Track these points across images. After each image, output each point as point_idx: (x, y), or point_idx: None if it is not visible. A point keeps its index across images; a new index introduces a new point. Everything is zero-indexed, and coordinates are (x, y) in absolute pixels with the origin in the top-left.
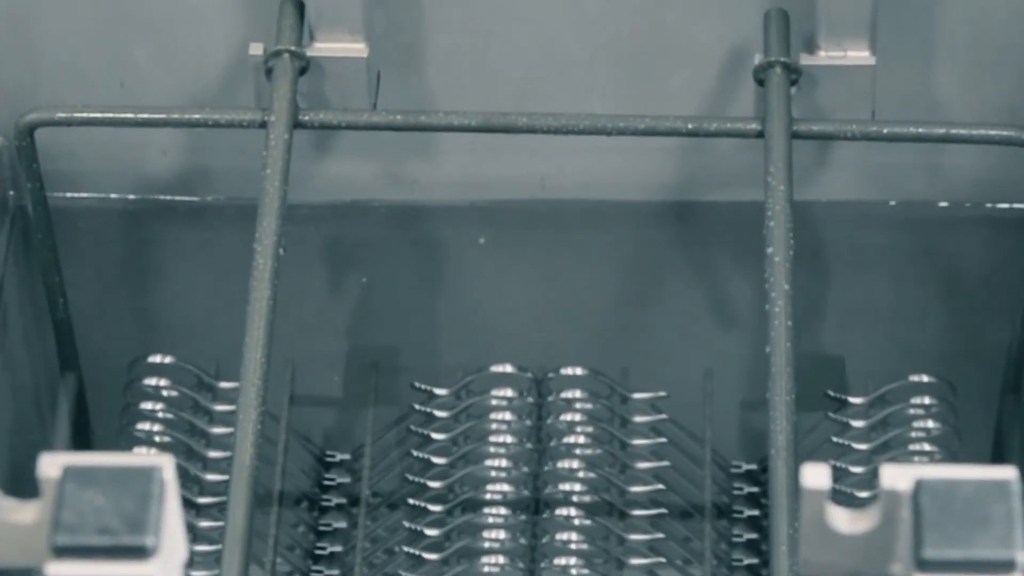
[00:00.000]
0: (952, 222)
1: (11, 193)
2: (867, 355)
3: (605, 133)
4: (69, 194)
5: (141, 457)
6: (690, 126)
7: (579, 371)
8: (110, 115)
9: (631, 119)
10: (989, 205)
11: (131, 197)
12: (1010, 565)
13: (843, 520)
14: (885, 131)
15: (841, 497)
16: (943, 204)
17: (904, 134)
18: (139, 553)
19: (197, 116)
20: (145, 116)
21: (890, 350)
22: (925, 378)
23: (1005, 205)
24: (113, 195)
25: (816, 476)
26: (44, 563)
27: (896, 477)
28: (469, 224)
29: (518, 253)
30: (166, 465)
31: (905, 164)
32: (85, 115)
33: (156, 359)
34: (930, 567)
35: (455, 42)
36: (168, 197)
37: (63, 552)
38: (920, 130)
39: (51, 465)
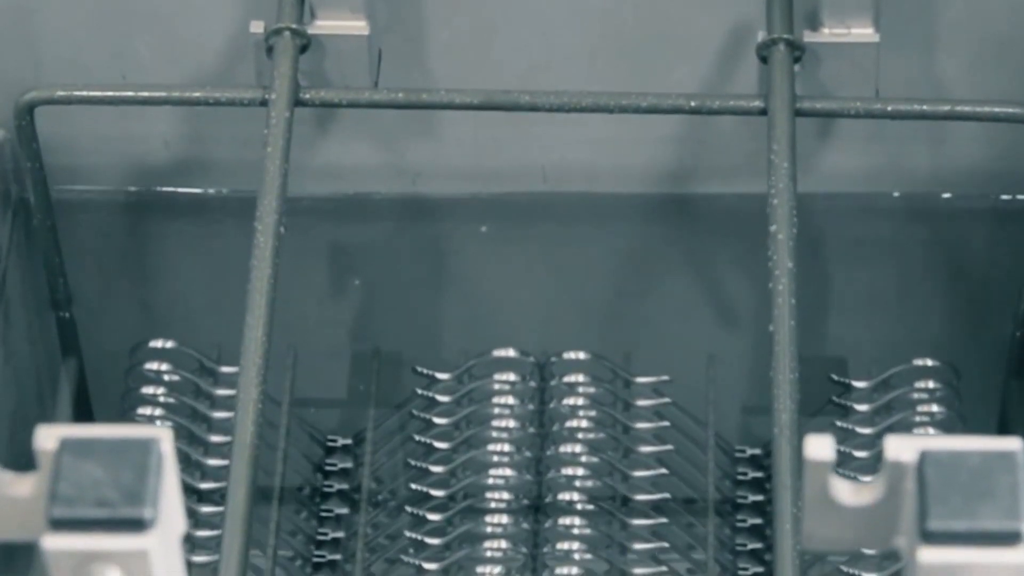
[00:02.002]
0: (956, 212)
1: (13, 187)
2: (871, 343)
3: (607, 111)
4: (71, 187)
5: (139, 429)
6: (693, 104)
7: (582, 355)
8: (110, 94)
9: (634, 97)
10: (993, 196)
11: (133, 189)
12: (1015, 536)
13: (847, 492)
14: (889, 108)
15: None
16: (946, 195)
17: (908, 111)
18: (137, 525)
19: (197, 94)
20: (145, 95)
21: (894, 336)
22: (929, 362)
23: (1008, 196)
24: (115, 188)
25: (820, 447)
26: (41, 536)
27: (900, 448)
28: (471, 216)
29: (520, 244)
30: (164, 437)
31: (908, 156)
32: (85, 94)
33: (157, 344)
34: (935, 539)
35: (457, 22)
36: (170, 189)
37: (60, 524)
38: (924, 107)
39: (48, 437)
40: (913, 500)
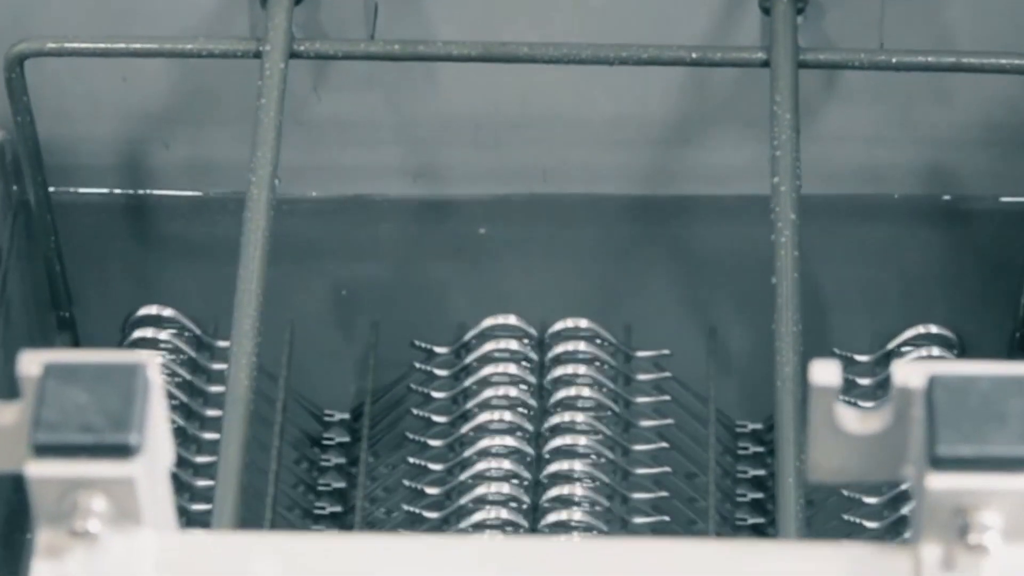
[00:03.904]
0: (957, 212)
1: (14, 188)
2: (871, 329)
3: (607, 63)
4: (71, 188)
5: (125, 354)
6: (694, 55)
7: (582, 324)
8: (101, 46)
9: (634, 49)
10: (994, 199)
11: (132, 191)
12: None
13: (853, 420)
14: (893, 60)
15: None
16: (946, 198)
17: (912, 63)
18: (122, 451)
19: (190, 47)
20: (137, 46)
21: (895, 321)
22: (933, 328)
23: (1011, 199)
24: (116, 190)
25: (826, 372)
26: (24, 464)
27: (909, 374)
28: (471, 217)
29: (520, 244)
30: (150, 363)
31: (909, 157)
32: (75, 46)
33: (152, 310)
34: (943, 465)
35: None
36: (170, 191)
37: (43, 451)
38: (929, 59)
39: (32, 363)
40: (921, 426)
